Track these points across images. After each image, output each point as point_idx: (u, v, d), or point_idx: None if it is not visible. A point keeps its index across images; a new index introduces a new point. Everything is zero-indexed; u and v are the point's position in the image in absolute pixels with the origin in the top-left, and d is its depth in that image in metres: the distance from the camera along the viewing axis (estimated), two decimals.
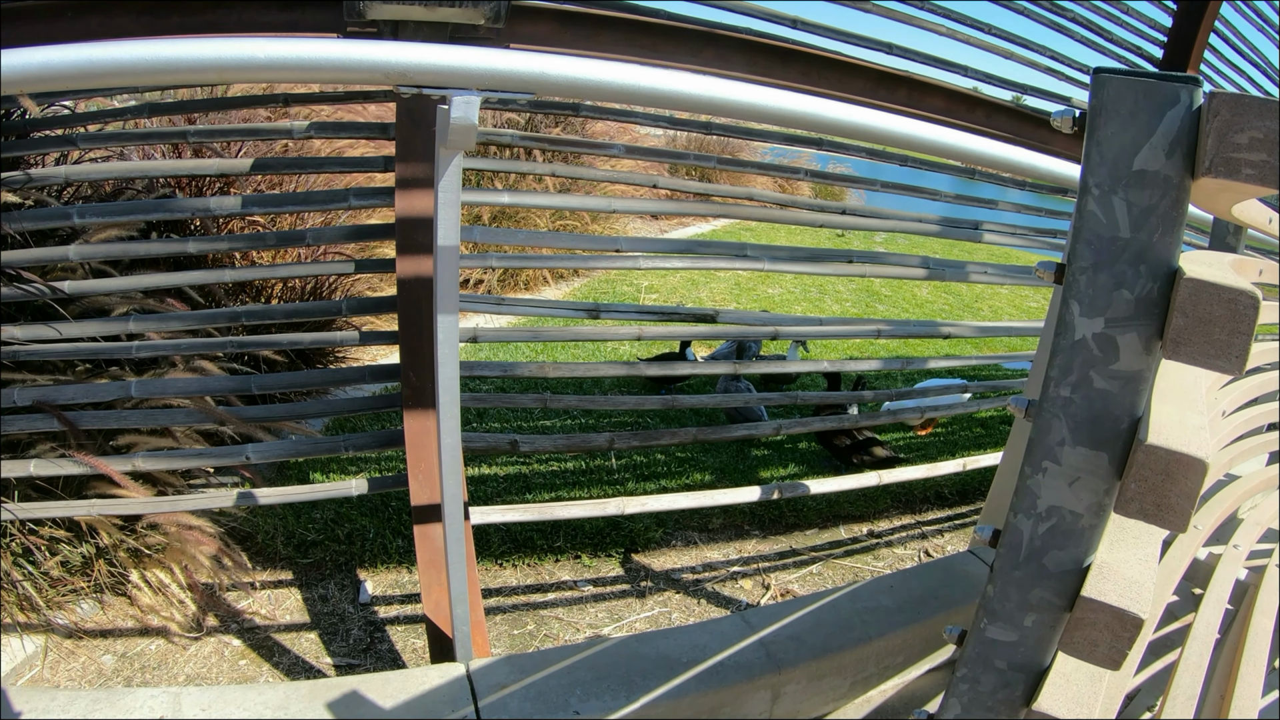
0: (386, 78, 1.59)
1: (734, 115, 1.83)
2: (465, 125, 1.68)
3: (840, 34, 3.78)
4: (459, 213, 2.01)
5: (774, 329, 3.80)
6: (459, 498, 2.41)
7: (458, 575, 2.54)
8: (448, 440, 2.28)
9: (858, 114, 1.92)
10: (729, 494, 3.64)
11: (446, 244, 2.02)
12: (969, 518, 4.82)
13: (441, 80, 1.61)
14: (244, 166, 3.29)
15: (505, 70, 1.61)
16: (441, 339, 2.13)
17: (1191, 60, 5.06)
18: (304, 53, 1.56)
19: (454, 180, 1.95)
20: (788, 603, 2.82)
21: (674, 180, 3.81)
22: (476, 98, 1.66)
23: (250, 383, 3.27)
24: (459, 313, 2.15)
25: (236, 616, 3.56)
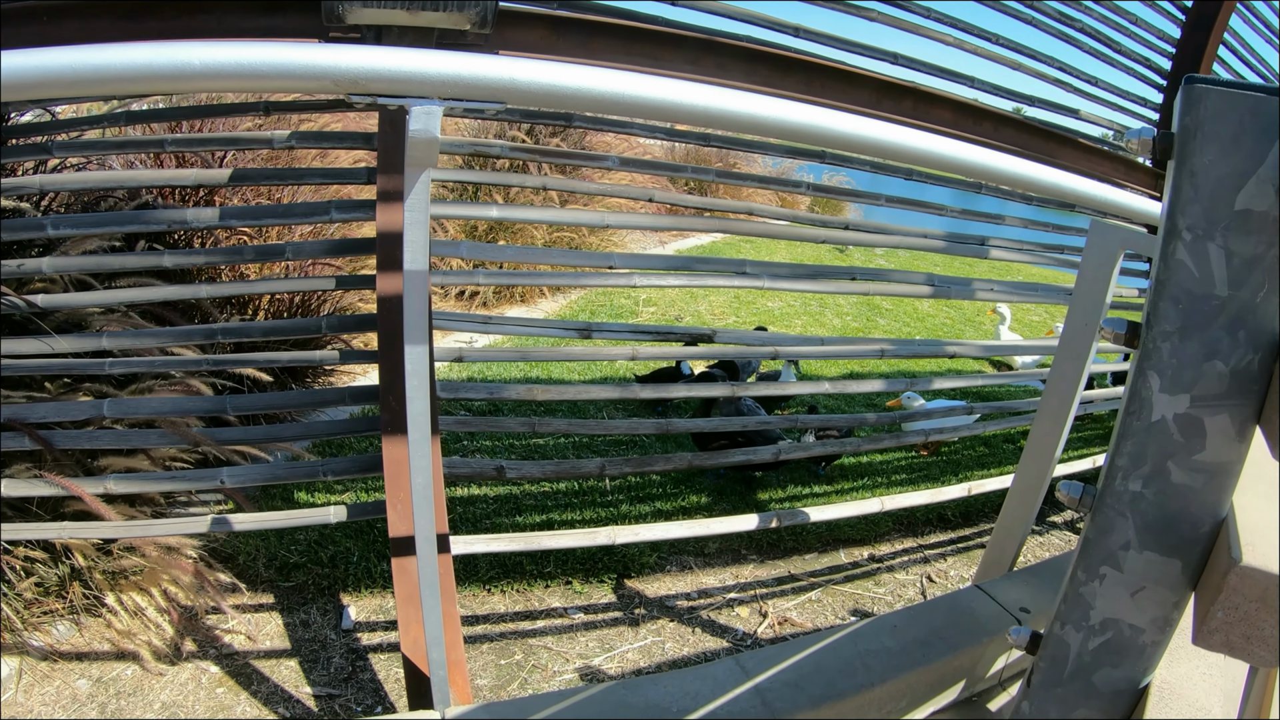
0: (336, 85, 1.35)
1: (733, 127, 1.58)
2: (425, 139, 1.45)
3: (843, 43, 3.60)
4: (428, 233, 1.77)
5: (773, 349, 3.58)
6: (432, 540, 2.17)
7: (433, 618, 2.31)
8: (418, 480, 2.04)
9: (866, 126, 1.68)
10: (725, 523, 3.42)
11: (414, 268, 1.78)
12: (972, 540, 4.59)
13: (398, 88, 1.37)
14: (222, 177, 3.10)
15: (470, 76, 1.37)
16: (410, 370, 1.89)
17: (1200, 71, 4.85)
18: (241, 58, 1.32)
19: (422, 198, 1.72)
20: (786, 645, 2.57)
21: (671, 195, 3.59)
22: (438, 108, 1.43)
23: (226, 404, 3.07)
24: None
25: (215, 641, 3.37)
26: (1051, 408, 2.86)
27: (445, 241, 3.07)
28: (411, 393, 1.91)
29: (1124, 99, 4.79)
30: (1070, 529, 4.91)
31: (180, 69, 1.30)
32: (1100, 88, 4.64)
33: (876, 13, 3.70)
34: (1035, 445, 2.94)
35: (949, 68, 3.96)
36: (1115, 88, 4.71)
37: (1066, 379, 2.80)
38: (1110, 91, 4.69)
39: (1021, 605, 2.83)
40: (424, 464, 2.02)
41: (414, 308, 1.83)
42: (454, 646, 2.80)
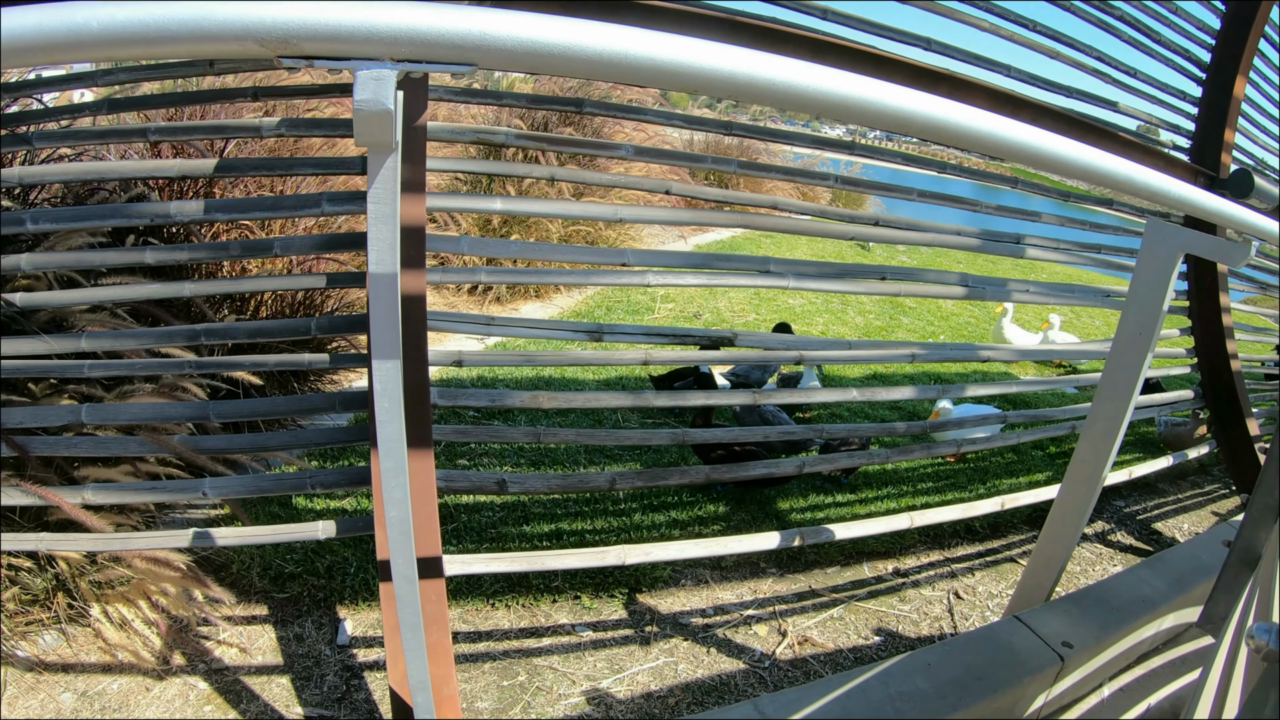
0: (262, 46, 1.03)
1: (762, 97, 1.22)
2: (375, 111, 1.11)
3: (874, 26, 3.30)
4: (396, 230, 1.44)
5: (798, 353, 3.26)
6: (411, 578, 1.86)
7: (415, 661, 2.01)
8: (393, 513, 1.73)
9: (921, 102, 1.32)
10: (743, 541, 3.11)
11: (380, 270, 1.46)
12: (1001, 554, 4.25)
13: (339, 48, 1.05)
14: (206, 168, 2.83)
15: (429, 31, 1.04)
16: (379, 389, 1.57)
17: (1241, 65, 4.54)
18: (143, 16, 0.99)
19: (387, 188, 1.40)
20: (809, 687, 2.24)
21: (688, 186, 3.26)
22: (390, 72, 1.10)
23: (209, 410, 2.78)
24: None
25: (205, 655, 3.10)
26: (1101, 422, 2.53)
27: (444, 236, 2.76)
28: (381, 415, 1.59)
29: (1162, 91, 4.45)
30: (1101, 541, 4.58)
31: (72, 34, 0.98)
32: (1139, 79, 4.30)
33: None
34: (1082, 462, 2.61)
35: (984, 55, 3.64)
36: (1153, 79, 4.38)
37: (1118, 391, 2.47)
38: (1148, 83, 4.36)
39: (1064, 639, 2.51)
40: (399, 495, 1.70)
41: (381, 316, 1.51)
42: (445, 682, 2.50)
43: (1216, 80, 4.64)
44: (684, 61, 1.13)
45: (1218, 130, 4.62)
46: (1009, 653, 2.49)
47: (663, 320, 7.31)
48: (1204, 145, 4.68)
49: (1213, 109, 4.65)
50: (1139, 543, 4.63)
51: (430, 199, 2.71)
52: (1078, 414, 4.30)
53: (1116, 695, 2.76)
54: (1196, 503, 5.31)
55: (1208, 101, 4.68)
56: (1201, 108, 4.69)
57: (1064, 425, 4.31)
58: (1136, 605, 2.75)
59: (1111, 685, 2.76)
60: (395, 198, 1.41)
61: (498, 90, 3.01)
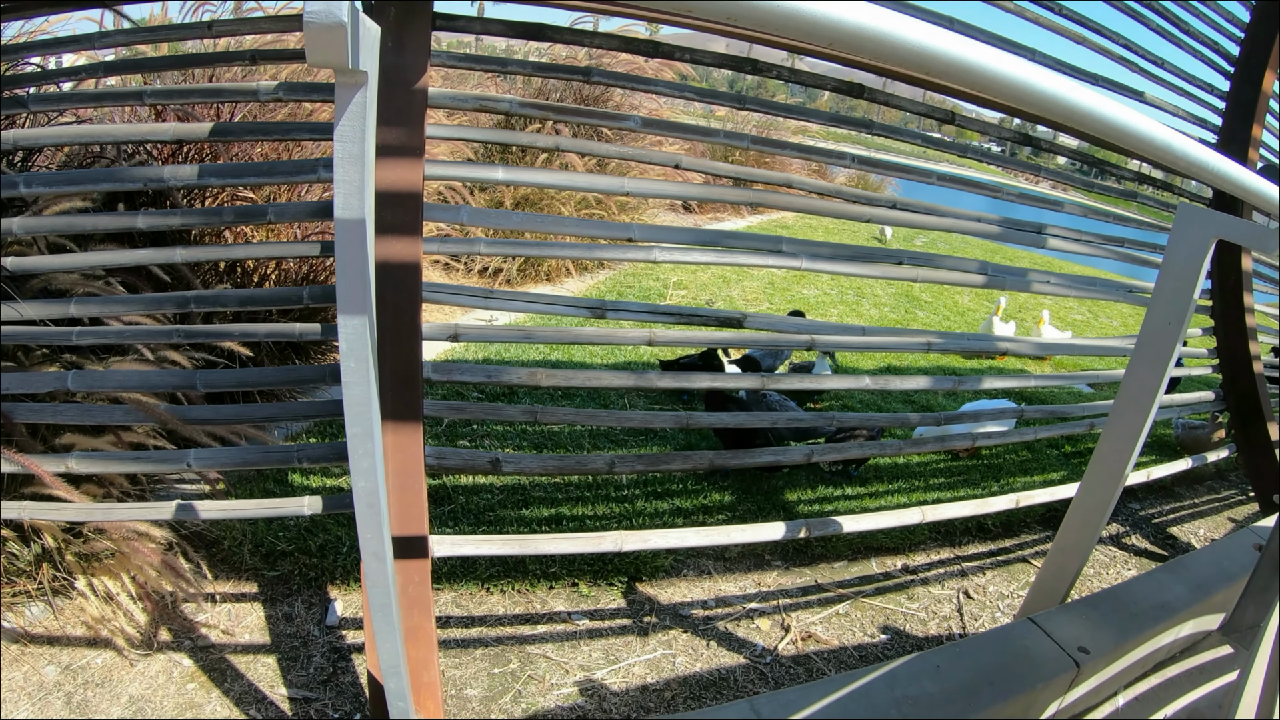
0: None
1: (784, 30, 1.04)
2: (327, 23, 0.96)
3: (896, 4, 3.09)
4: (366, 172, 1.30)
5: (809, 338, 3.09)
6: (381, 555, 1.72)
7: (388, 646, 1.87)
8: (360, 484, 1.57)
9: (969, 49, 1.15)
10: (748, 531, 2.95)
11: (347, 215, 1.31)
12: (1014, 553, 4.09)
13: None
14: (201, 132, 2.69)
15: None
16: (345, 349, 1.42)
17: (1271, 59, 4.37)
18: None
19: (355, 125, 1.25)
20: (810, 687, 2.09)
21: (700, 161, 3.09)
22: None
23: (196, 380, 2.66)
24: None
25: (191, 632, 3.00)
26: (1124, 419, 2.38)
27: (443, 206, 2.62)
28: (347, 375, 1.44)
29: (1190, 83, 4.28)
30: (1115, 544, 4.42)
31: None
32: (1166, 69, 4.13)
33: None
34: (1103, 460, 2.46)
35: (1008, 38, 3.47)
36: (1181, 71, 4.21)
37: (1143, 387, 2.32)
38: (1176, 74, 4.19)
39: (1080, 644, 2.37)
40: (366, 464, 1.55)
41: (349, 266, 1.36)
42: (425, 667, 2.36)
43: (1245, 74, 4.47)
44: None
45: (1245, 126, 4.45)
46: (1023, 656, 2.34)
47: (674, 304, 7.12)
48: (1230, 140, 4.51)
49: (1240, 103, 4.48)
50: (1154, 546, 4.48)
51: (429, 167, 2.56)
52: (1095, 411, 4.13)
53: (1132, 704, 2.62)
54: (1213, 508, 5.16)
55: (1235, 96, 4.50)
56: (1229, 102, 4.52)
57: (1081, 423, 4.14)
58: (1156, 611, 2.61)
59: (1127, 694, 2.62)
60: (365, 136, 1.27)
61: (503, 58, 2.85)
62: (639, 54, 3.10)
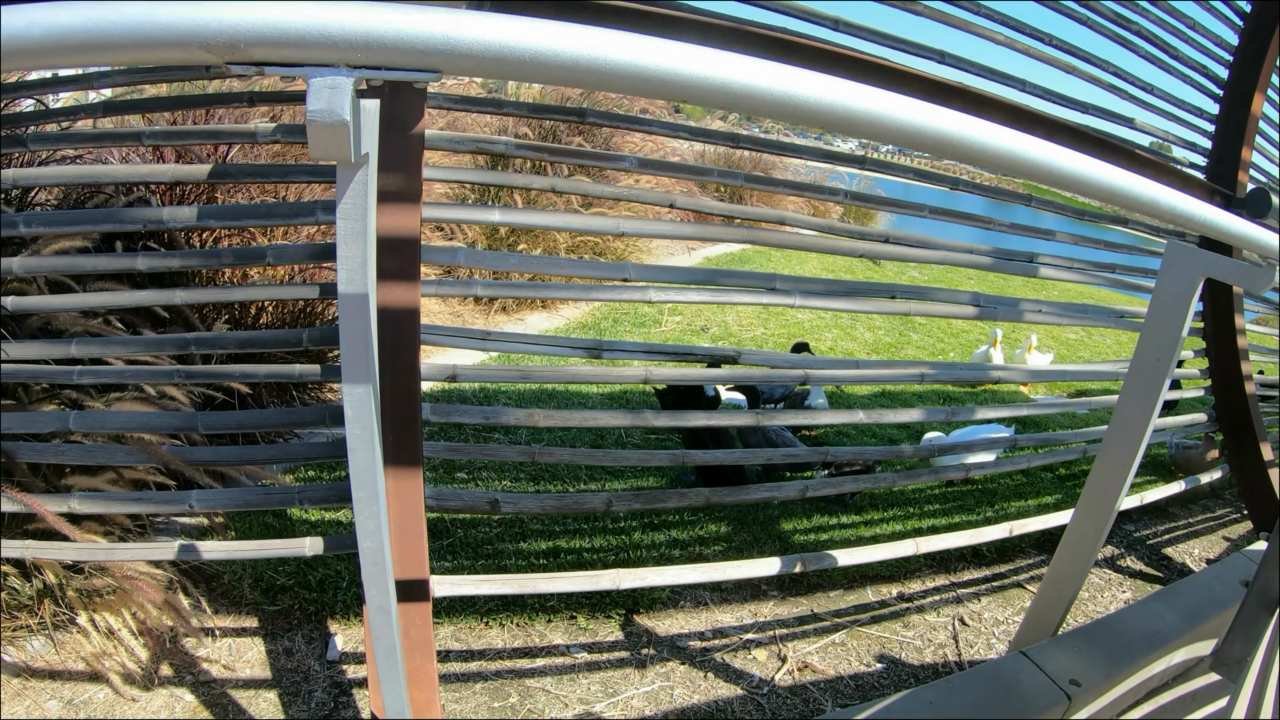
0: (208, 52, 0.92)
1: (763, 109, 1.09)
2: (330, 122, 1.00)
3: (888, 38, 3.19)
4: (368, 248, 1.33)
5: (804, 373, 3.13)
6: (387, 610, 1.75)
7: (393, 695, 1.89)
8: (366, 544, 1.61)
9: (935, 117, 1.19)
10: (743, 567, 2.99)
11: (351, 290, 1.35)
12: (1009, 579, 4.12)
13: (289, 53, 0.93)
14: (200, 174, 2.74)
15: (386, 33, 0.93)
16: (350, 415, 1.45)
17: (1260, 82, 4.42)
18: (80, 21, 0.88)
19: (357, 203, 1.28)
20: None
21: (694, 200, 3.14)
22: (347, 79, 0.99)
23: (197, 421, 2.69)
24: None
25: (192, 666, 3.01)
26: (1116, 449, 2.41)
27: (441, 248, 2.65)
28: (353, 442, 1.47)
29: (1179, 108, 4.33)
30: (1111, 566, 4.45)
31: (13, 40, 0.88)
32: (1156, 95, 4.18)
33: (924, 7, 3.27)
34: (1094, 491, 2.49)
35: (999, 69, 3.52)
36: (1171, 96, 4.26)
37: (1134, 419, 2.35)
38: (1165, 100, 4.23)
39: (1072, 676, 2.39)
40: (372, 525, 1.58)
41: (353, 339, 1.39)
42: (427, 708, 2.39)
43: (1234, 97, 4.52)
44: (670, 69, 1.01)
45: (1235, 148, 4.49)
46: (1014, 691, 2.37)
47: (670, 332, 7.20)
48: (1221, 163, 4.55)
49: (1230, 126, 4.53)
50: (1149, 568, 4.51)
51: (426, 209, 2.60)
52: (1089, 437, 4.17)
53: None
54: (1208, 527, 5.19)
55: (1225, 119, 4.55)
56: (1219, 125, 4.57)
57: (1074, 449, 4.18)
58: (1147, 640, 2.64)
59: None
60: (367, 213, 1.30)
61: (499, 99, 2.90)
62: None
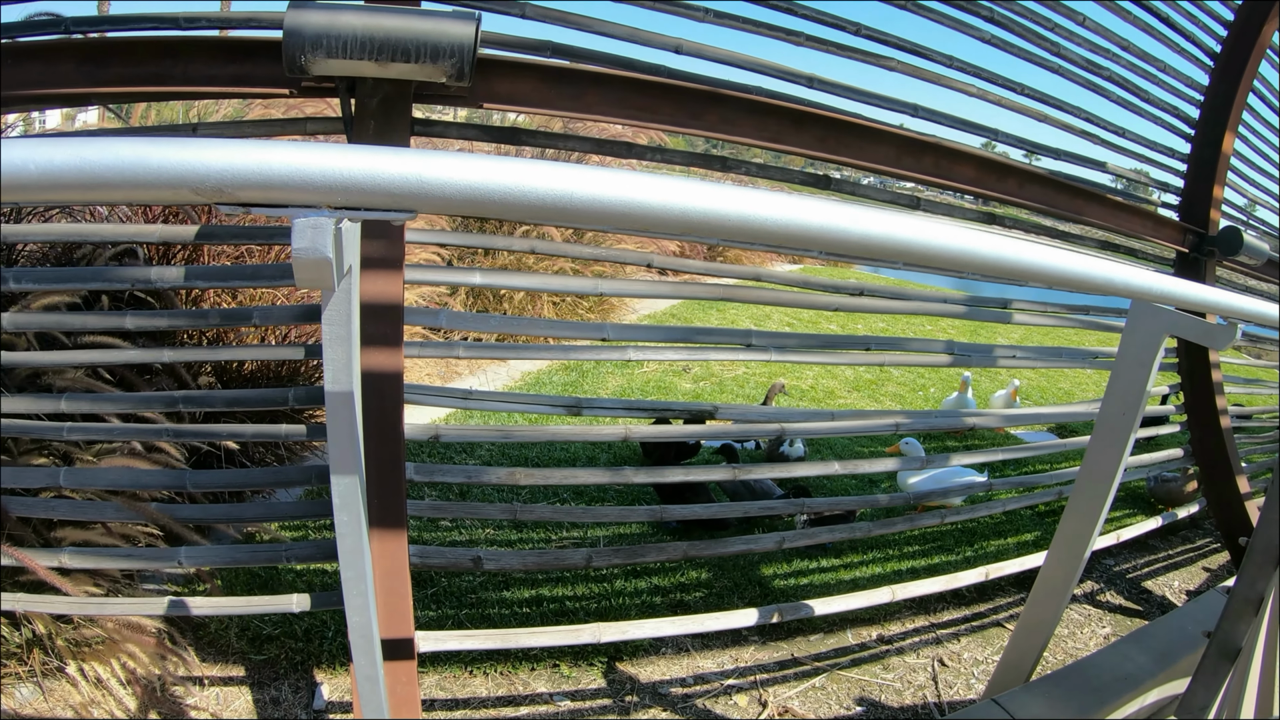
0: (197, 193, 0.99)
1: (722, 232, 1.17)
2: (313, 260, 1.07)
3: (861, 94, 3.28)
4: (352, 351, 1.41)
5: (780, 426, 3.21)
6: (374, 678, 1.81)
7: None
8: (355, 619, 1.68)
9: (901, 227, 1.27)
10: (721, 619, 3.07)
11: (337, 389, 1.42)
12: (988, 618, 4.19)
13: (273, 195, 1.00)
14: (188, 234, 2.82)
15: (363, 178, 1.00)
16: (339, 503, 1.53)
17: (1230, 120, 4.53)
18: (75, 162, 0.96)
19: (341, 312, 1.36)
20: None
21: (670, 260, 3.22)
22: (328, 220, 1.06)
23: (185, 479, 2.76)
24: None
25: (180, 716, 3.04)
26: (1085, 499, 2.48)
27: (422, 310, 2.75)
28: (341, 529, 1.55)
29: (1151, 149, 4.44)
30: (1090, 601, 4.52)
31: (11, 176, 0.95)
32: (1127, 138, 4.28)
33: (896, 62, 3.37)
34: (1065, 539, 2.57)
35: (971, 120, 3.62)
36: (1142, 138, 4.36)
37: (1102, 469, 2.43)
38: (1137, 142, 4.33)
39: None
40: (360, 602, 1.66)
41: (340, 434, 1.47)
42: None
43: (1205, 136, 4.62)
44: (632, 200, 1.09)
45: (1207, 186, 4.60)
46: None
47: (652, 374, 7.28)
48: (1193, 202, 4.65)
49: (1202, 165, 4.63)
50: (1129, 602, 4.57)
51: (410, 273, 2.68)
52: (1064, 479, 4.25)
53: None
54: (1188, 558, 5.25)
55: (1196, 158, 4.66)
56: (1190, 164, 4.68)
57: (1051, 491, 4.26)
58: (1119, 684, 2.69)
59: None
60: (350, 320, 1.38)
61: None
62: (613, 155, 3.22)
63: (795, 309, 10.61)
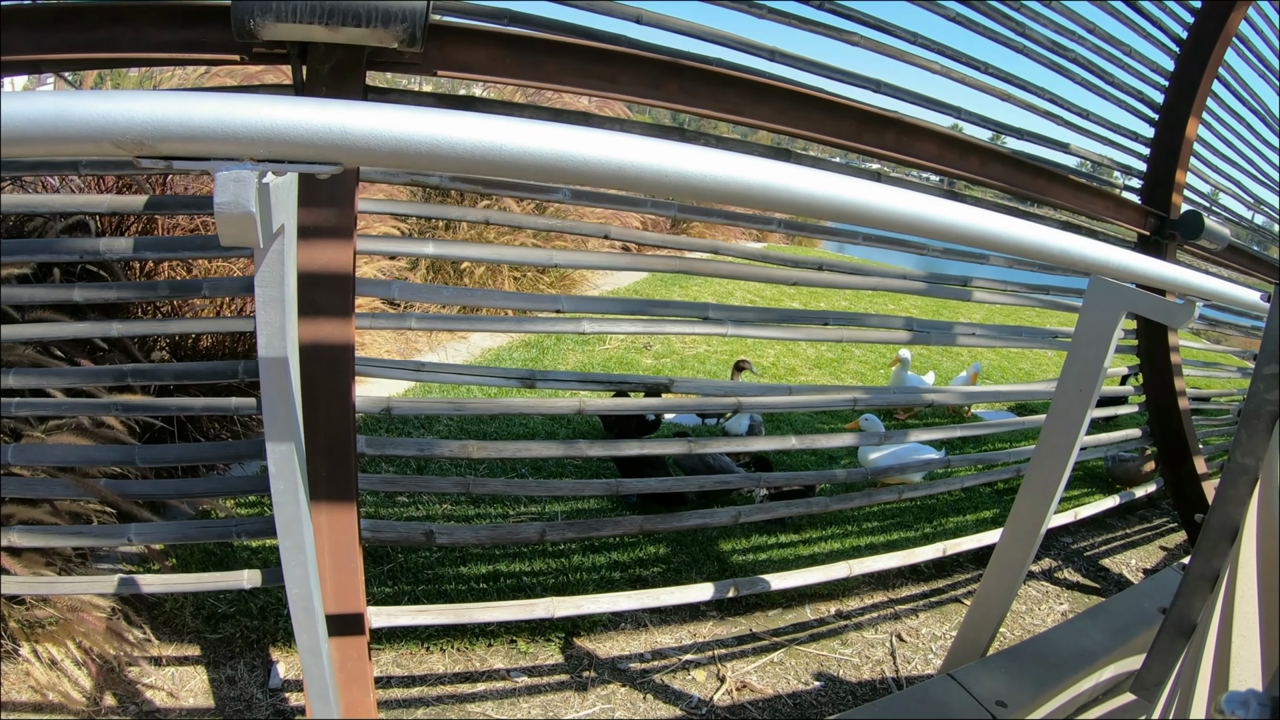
0: (118, 146, 0.96)
1: (664, 189, 1.15)
2: (236, 215, 1.04)
3: (823, 68, 3.24)
4: (286, 315, 1.37)
5: (737, 400, 3.19)
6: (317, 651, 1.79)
7: None
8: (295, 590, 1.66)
9: (855, 190, 1.25)
10: (677, 593, 3.07)
11: (271, 354, 1.39)
12: (946, 594, 4.21)
13: (196, 148, 0.98)
14: (137, 204, 2.75)
15: (286, 128, 0.97)
16: (274, 472, 1.50)
17: (1194, 106, 4.54)
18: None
19: (275, 271, 1.33)
20: None
21: (627, 231, 3.20)
22: (251, 173, 1.03)
23: (134, 454, 2.70)
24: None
25: (136, 696, 3.00)
26: (1041, 475, 2.48)
27: (374, 281, 2.69)
28: (278, 497, 1.52)
29: (1114, 132, 4.44)
30: (1048, 578, 4.55)
31: None
32: (1091, 120, 4.28)
33: (860, 37, 3.34)
34: (1021, 516, 2.57)
35: (934, 97, 3.61)
36: (1106, 121, 4.36)
37: (1058, 448, 2.43)
38: (1101, 124, 4.34)
39: (999, 698, 2.46)
40: (299, 573, 1.64)
41: (274, 399, 1.44)
42: None
43: (1169, 121, 4.64)
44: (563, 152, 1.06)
45: (1169, 170, 4.61)
46: (941, 714, 2.44)
47: (614, 351, 7.30)
48: (1155, 186, 4.67)
49: (1165, 149, 4.65)
50: (1086, 579, 4.60)
51: (362, 243, 2.64)
52: (1022, 457, 4.27)
53: None
54: (1145, 537, 5.30)
55: (1160, 142, 4.68)
56: (1154, 148, 4.69)
57: (1010, 468, 4.28)
58: (1075, 659, 2.71)
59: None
60: (284, 282, 1.35)
61: None
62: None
63: (758, 288, 10.68)
